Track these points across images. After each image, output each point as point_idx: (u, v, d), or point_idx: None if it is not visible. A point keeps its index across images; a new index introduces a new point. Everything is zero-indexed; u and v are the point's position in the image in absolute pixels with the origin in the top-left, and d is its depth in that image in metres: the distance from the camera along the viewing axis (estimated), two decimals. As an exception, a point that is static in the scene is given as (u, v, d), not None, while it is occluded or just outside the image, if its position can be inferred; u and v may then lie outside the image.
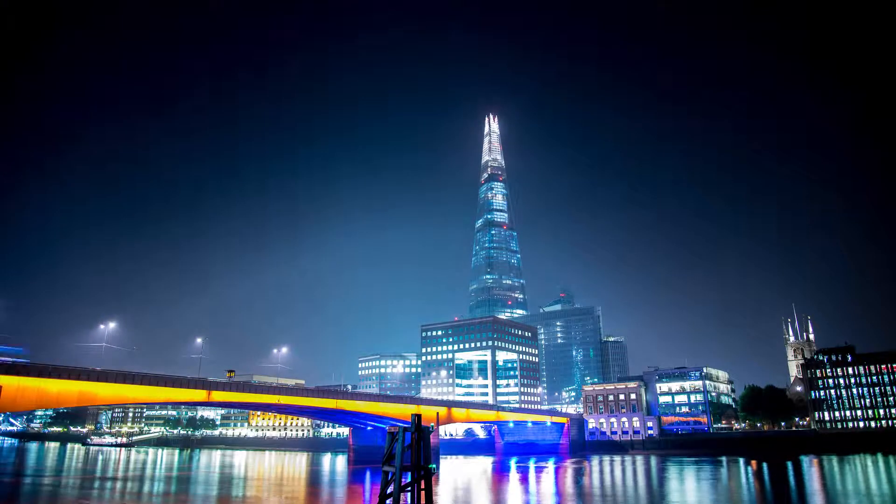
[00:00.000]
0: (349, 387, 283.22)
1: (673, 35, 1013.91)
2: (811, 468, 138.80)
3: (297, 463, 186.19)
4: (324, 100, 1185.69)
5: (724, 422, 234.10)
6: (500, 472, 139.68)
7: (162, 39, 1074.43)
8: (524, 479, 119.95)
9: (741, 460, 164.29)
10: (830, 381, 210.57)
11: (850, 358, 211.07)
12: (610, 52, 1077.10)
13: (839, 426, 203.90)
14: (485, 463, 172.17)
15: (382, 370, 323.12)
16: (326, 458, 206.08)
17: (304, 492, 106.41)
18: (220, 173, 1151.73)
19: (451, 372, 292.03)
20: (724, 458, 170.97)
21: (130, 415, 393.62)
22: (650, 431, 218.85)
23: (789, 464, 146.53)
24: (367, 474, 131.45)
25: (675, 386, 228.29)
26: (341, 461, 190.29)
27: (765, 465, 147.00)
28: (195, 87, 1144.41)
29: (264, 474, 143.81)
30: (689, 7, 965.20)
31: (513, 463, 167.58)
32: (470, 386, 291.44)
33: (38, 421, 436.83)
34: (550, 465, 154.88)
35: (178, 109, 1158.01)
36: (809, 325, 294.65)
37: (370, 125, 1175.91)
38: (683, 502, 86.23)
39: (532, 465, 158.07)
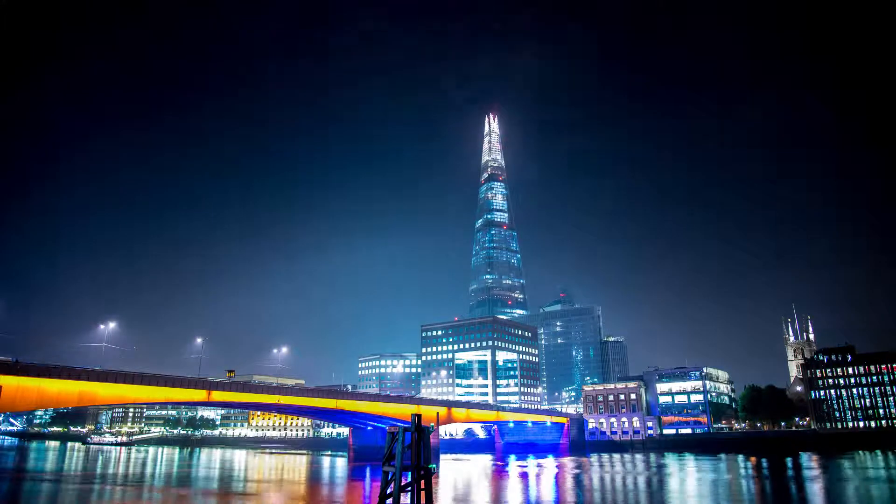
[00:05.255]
0: (349, 387, 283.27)
1: (674, 35, 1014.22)
2: (810, 463, 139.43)
3: (298, 461, 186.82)
4: (323, 100, 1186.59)
5: (724, 422, 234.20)
6: (500, 470, 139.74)
7: (164, 43, 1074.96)
8: (524, 477, 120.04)
9: (741, 457, 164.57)
10: (830, 381, 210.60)
11: (850, 358, 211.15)
12: (611, 52, 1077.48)
13: (839, 426, 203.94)
14: (485, 461, 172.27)
15: (382, 370, 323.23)
16: (327, 457, 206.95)
17: (304, 488, 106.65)
18: (220, 175, 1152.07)
19: (451, 372, 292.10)
20: (723, 455, 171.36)
21: (130, 415, 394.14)
22: (650, 431, 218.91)
23: (789, 460, 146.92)
24: (367, 471, 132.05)
25: (675, 386, 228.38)
26: (341, 459, 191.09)
27: (764, 461, 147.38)
28: (197, 93, 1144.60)
29: (265, 471, 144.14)
30: (689, 6, 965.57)
31: (512, 461, 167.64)
32: (470, 386, 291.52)
33: (38, 421, 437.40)
34: (550, 464, 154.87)
35: (180, 114, 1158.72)
36: (809, 325, 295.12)
37: (370, 125, 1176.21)
38: (682, 494, 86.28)
39: (532, 462, 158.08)
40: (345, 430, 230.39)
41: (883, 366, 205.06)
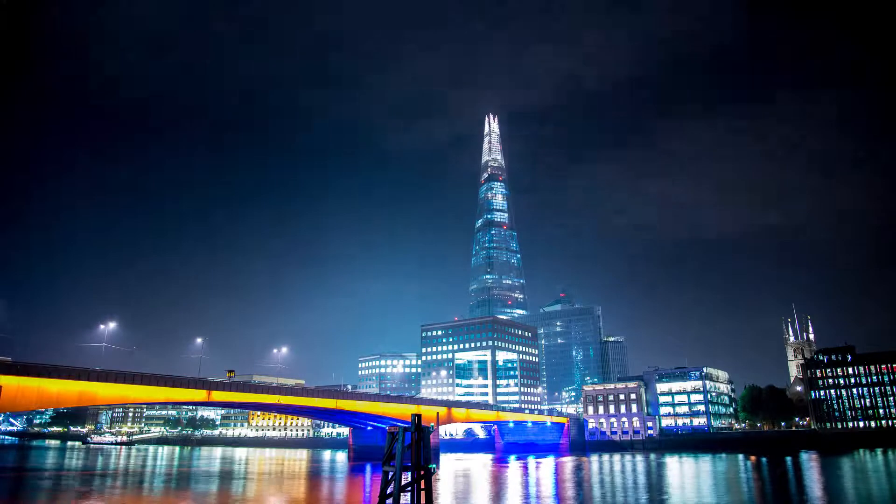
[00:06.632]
0: (349, 387, 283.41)
1: (673, 29, 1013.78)
2: (810, 463, 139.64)
3: (298, 457, 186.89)
4: (323, 98, 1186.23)
5: (724, 422, 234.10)
6: (500, 469, 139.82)
7: (166, 45, 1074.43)
8: (524, 477, 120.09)
9: (741, 457, 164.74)
10: (830, 381, 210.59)
11: (850, 358, 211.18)
12: (611, 53, 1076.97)
13: (839, 426, 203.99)
14: (485, 461, 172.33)
15: (382, 370, 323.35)
16: (327, 454, 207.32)
17: (305, 483, 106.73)
18: (220, 176, 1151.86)
19: (451, 372, 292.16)
20: (723, 455, 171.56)
21: (130, 415, 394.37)
22: (650, 431, 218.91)
23: (788, 459, 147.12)
24: (368, 468, 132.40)
25: (675, 386, 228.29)
26: (341, 455, 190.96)
27: (764, 460, 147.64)
28: (200, 94, 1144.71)
29: (265, 468, 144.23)
30: (686, 3, 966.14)
31: (512, 461, 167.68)
32: (470, 386, 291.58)
33: (38, 421, 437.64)
34: (550, 464, 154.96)
35: (182, 115, 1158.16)
36: (809, 325, 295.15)
37: (369, 124, 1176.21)
38: (682, 494, 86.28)
39: (532, 462, 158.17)
40: (345, 430, 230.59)
41: (883, 366, 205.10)
